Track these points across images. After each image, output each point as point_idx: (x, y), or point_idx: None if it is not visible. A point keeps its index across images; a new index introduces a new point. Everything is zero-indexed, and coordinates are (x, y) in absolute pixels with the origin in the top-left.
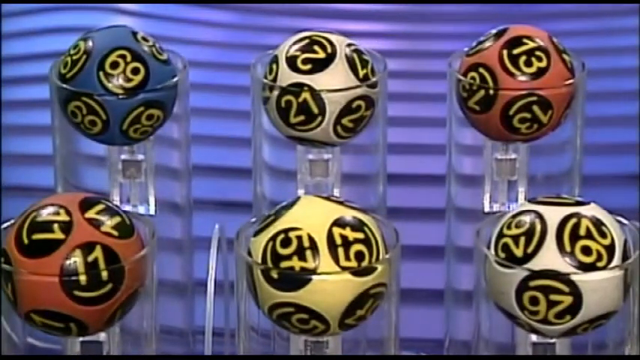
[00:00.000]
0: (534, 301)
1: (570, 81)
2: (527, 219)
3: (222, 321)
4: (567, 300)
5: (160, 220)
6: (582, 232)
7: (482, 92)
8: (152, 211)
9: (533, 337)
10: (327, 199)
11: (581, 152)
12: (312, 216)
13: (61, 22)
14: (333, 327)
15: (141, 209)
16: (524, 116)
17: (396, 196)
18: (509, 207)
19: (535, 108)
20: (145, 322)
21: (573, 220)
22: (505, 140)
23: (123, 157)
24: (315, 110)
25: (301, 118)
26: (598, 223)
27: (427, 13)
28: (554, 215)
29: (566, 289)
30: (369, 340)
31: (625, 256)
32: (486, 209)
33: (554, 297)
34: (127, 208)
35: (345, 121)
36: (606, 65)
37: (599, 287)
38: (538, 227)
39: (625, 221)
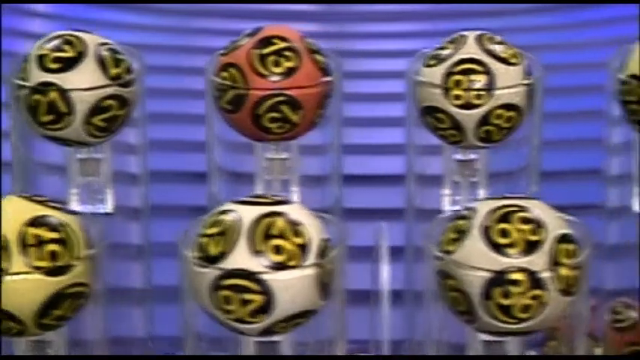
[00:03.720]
0: (227, 300)
1: (320, 81)
2: (224, 218)
3: None
4: (258, 299)
5: None
6: (275, 231)
7: (232, 92)
8: None
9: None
10: (29, 198)
11: (340, 153)
12: (6, 215)
13: None
14: (30, 328)
15: None
16: (274, 116)
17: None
18: None
19: (284, 108)
20: None
21: (268, 220)
22: (258, 140)
23: None
24: (64, 109)
25: (50, 117)
26: (294, 223)
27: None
28: (249, 214)
29: (256, 287)
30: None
31: (322, 255)
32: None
33: (245, 296)
34: None
35: (96, 120)
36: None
37: (289, 286)
38: (232, 226)
39: (331, 218)
